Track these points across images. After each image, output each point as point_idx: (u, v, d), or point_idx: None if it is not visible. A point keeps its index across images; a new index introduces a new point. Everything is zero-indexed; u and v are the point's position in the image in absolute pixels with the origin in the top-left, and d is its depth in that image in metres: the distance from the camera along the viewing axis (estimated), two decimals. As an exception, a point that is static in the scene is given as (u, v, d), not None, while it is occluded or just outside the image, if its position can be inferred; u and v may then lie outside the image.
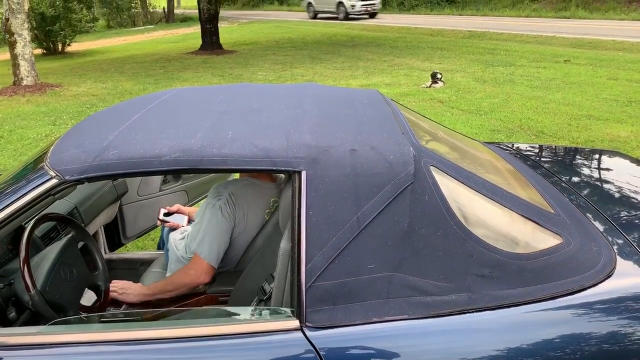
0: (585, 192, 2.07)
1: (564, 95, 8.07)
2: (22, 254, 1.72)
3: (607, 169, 2.58)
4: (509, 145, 2.81)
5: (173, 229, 2.61)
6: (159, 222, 2.64)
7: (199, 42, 16.64)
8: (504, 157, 2.18)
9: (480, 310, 1.40)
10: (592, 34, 14.44)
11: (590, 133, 6.10)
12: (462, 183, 1.58)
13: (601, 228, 1.74)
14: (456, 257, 1.42)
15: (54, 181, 1.51)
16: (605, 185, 2.29)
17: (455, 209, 1.48)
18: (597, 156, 2.85)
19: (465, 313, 1.39)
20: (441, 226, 1.44)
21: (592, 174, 2.50)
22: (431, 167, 1.53)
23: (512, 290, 1.41)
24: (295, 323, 1.38)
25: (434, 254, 1.42)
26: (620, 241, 1.66)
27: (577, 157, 2.89)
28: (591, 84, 8.79)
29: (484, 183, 1.62)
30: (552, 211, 1.68)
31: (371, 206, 1.44)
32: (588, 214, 1.82)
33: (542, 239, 1.54)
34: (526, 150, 2.80)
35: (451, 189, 1.54)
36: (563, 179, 2.19)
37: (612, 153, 2.90)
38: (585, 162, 2.75)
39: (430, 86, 9.10)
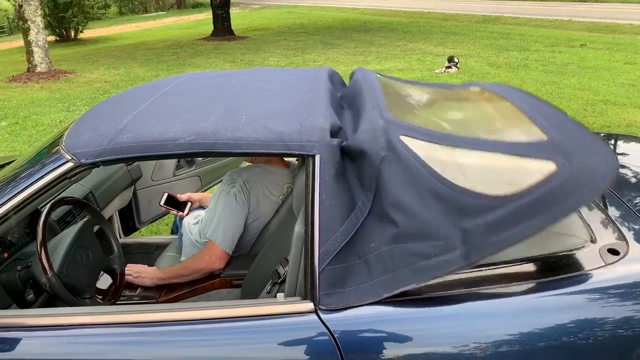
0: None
1: (580, 80, 7.96)
2: (39, 237, 1.74)
3: (624, 154, 2.55)
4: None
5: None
6: (162, 208, 2.65)
7: (210, 28, 16.61)
8: (499, 92, 2.07)
9: (483, 263, 1.37)
10: (609, 18, 14.21)
11: (607, 118, 6.02)
12: (437, 144, 1.54)
13: (617, 213, 1.72)
14: (448, 214, 1.39)
15: (69, 164, 1.52)
16: (622, 170, 2.26)
17: (437, 168, 1.44)
18: (612, 141, 2.81)
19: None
20: (426, 188, 1.42)
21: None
22: (402, 136, 1.50)
23: (510, 231, 1.35)
24: (310, 306, 1.39)
25: (426, 216, 1.40)
26: (636, 227, 1.64)
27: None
28: (608, 68, 8.66)
29: (462, 138, 1.58)
30: (545, 138, 1.60)
31: (368, 186, 1.45)
32: (604, 199, 1.80)
33: (534, 172, 1.47)
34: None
35: (428, 150, 1.50)
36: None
37: (629, 138, 2.86)
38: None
39: (444, 71, 9.02)
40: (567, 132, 1.65)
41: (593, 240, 1.53)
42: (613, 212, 1.72)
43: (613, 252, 1.49)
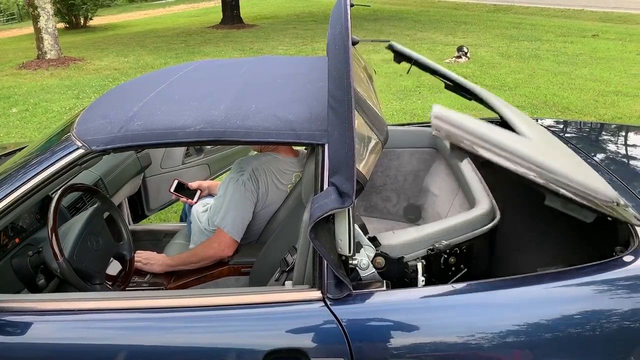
0: (613, 168, 2.03)
1: (591, 70, 7.88)
2: (50, 223, 1.75)
3: (635, 145, 2.53)
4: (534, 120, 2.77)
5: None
6: (172, 195, 2.67)
7: (219, 16, 16.57)
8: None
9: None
10: (622, 8, 14.03)
11: (618, 110, 5.97)
12: None
13: (629, 204, 1.71)
14: None
15: (80, 151, 1.53)
16: (633, 162, 2.24)
17: None
18: (623, 132, 2.79)
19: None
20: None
21: (619, 150, 2.46)
22: None
23: None
24: (318, 294, 1.39)
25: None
26: (647, 218, 1.63)
27: (604, 133, 2.84)
28: (620, 59, 8.57)
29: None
30: None
31: None
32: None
33: None
34: (551, 126, 2.75)
35: None
36: (590, 155, 2.15)
37: (641, 129, 2.83)
38: (612, 138, 2.69)
39: (454, 61, 8.96)
40: None
41: None
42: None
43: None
